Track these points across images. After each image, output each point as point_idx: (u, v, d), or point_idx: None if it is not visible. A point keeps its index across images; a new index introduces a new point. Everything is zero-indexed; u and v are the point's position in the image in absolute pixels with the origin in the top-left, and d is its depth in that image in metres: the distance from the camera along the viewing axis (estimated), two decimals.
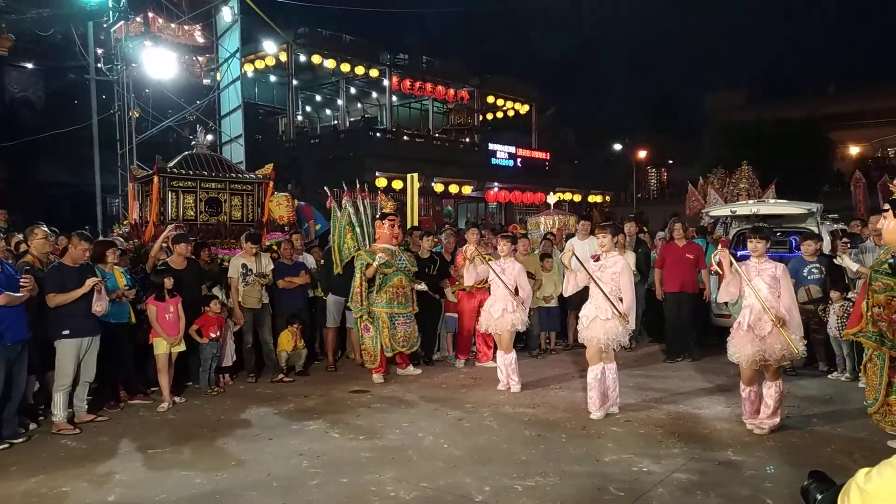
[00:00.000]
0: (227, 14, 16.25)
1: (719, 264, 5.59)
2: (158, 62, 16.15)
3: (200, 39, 18.41)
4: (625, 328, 5.95)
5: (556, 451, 5.11)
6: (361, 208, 8.47)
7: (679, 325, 8.66)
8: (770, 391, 5.48)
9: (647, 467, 4.71)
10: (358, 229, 8.36)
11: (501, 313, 7.16)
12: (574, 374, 7.92)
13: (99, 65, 15.46)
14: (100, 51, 16.62)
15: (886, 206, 5.07)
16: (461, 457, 5.04)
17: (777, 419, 5.54)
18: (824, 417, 5.98)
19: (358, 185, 8.72)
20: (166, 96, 16.56)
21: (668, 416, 6.07)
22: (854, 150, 36.69)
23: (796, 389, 6.97)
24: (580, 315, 6.22)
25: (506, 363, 7.18)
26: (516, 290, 7.25)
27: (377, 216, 8.27)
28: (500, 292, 7.26)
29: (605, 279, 6.00)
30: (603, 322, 5.93)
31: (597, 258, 6.27)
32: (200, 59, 23.29)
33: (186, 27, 17.82)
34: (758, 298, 5.32)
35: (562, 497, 4.22)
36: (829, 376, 7.52)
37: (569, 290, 6.34)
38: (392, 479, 4.57)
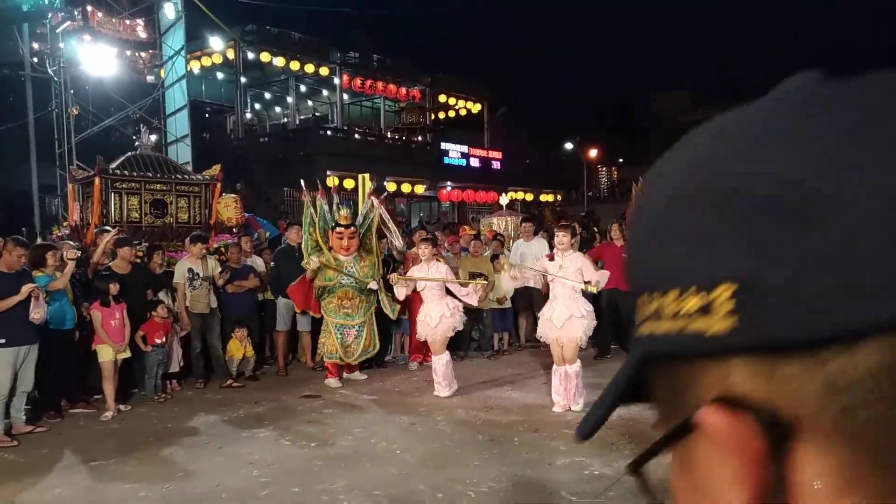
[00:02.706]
0: (169, 10, 15.79)
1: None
2: (98, 58, 15.62)
3: (143, 35, 17.84)
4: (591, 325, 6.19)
5: (510, 456, 5.14)
6: (325, 210, 8.22)
7: (613, 322, 8.86)
8: None
9: (599, 470, 4.77)
10: (319, 229, 8.20)
11: (439, 320, 7.00)
12: (526, 375, 7.97)
13: (35, 60, 14.91)
14: (37, 46, 16.03)
15: None
16: (414, 463, 5.03)
17: None
18: None
19: (319, 185, 8.58)
20: (108, 93, 16.05)
21: (618, 417, 6.03)
22: None
23: None
24: (548, 317, 6.24)
25: (441, 364, 6.98)
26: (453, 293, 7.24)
27: (331, 225, 8.04)
28: (433, 298, 7.10)
29: (569, 277, 6.05)
30: (580, 319, 6.07)
31: (552, 258, 6.32)
32: (143, 54, 22.64)
33: (128, 21, 17.29)
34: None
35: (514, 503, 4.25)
36: None
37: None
38: (344, 487, 4.53)
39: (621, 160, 40.65)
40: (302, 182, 8.87)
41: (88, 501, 4.41)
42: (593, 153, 36.39)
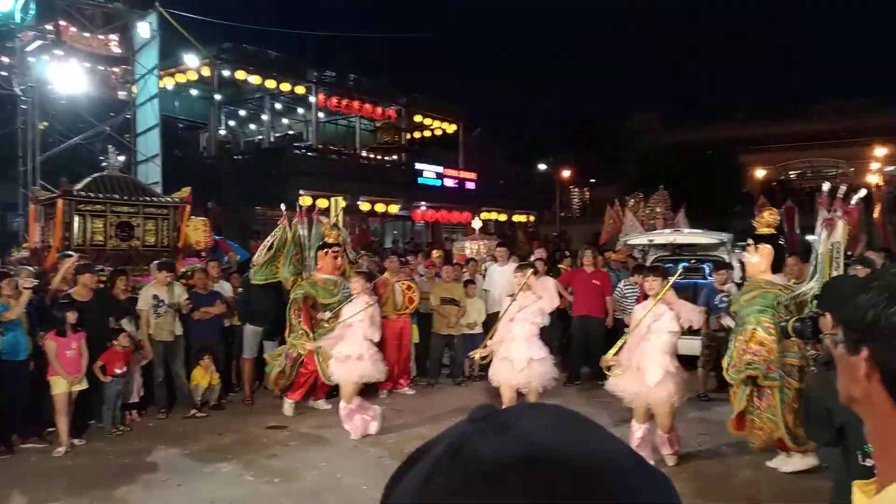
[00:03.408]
0: (144, 30, 15.58)
1: None
2: (69, 75, 15.34)
3: (117, 50, 17.60)
4: (552, 367, 6.07)
5: None
6: (310, 232, 8.24)
7: (584, 348, 8.87)
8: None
9: None
10: (302, 252, 8.13)
11: (345, 360, 6.51)
12: (499, 403, 7.86)
13: (3, 73, 14.62)
14: (5, 59, 15.71)
15: (749, 241, 5.37)
16: (379, 500, 4.89)
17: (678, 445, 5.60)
18: (734, 445, 6.14)
19: (302, 208, 8.53)
20: (78, 111, 15.76)
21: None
22: (760, 173, 38.62)
23: (709, 415, 7.15)
24: (507, 356, 6.11)
25: (344, 413, 6.45)
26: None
27: (319, 245, 8.02)
28: (355, 335, 6.59)
29: (527, 317, 5.99)
30: (539, 363, 5.98)
31: (513, 297, 6.23)
32: (116, 70, 22.34)
33: (101, 37, 17.04)
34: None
35: None
36: None
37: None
38: None
39: (593, 180, 41.03)
40: (282, 206, 8.82)
41: None
42: (566, 174, 36.70)
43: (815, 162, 40.33)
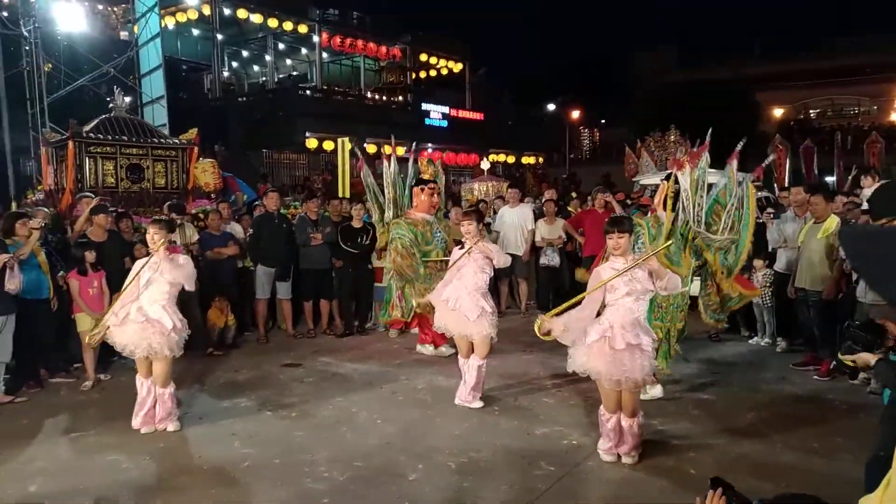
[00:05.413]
0: None
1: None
2: (69, 14, 15.12)
3: None
4: (491, 322, 5.62)
5: (489, 425, 5.23)
6: (394, 171, 7.93)
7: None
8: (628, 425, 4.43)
9: (577, 440, 4.87)
10: (393, 193, 7.87)
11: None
12: (505, 344, 7.95)
13: (6, 14, 14.40)
14: (6, 0, 15.47)
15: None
16: (395, 433, 5.09)
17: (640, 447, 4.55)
18: (744, 383, 6.30)
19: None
20: (81, 52, 15.57)
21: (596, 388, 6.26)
22: (778, 112, 37.74)
23: (719, 355, 7.31)
24: (454, 306, 5.69)
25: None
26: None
27: (413, 182, 7.75)
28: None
29: (471, 270, 5.69)
30: (490, 315, 5.66)
31: (461, 245, 5.87)
32: (116, 9, 21.96)
33: None
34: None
35: (493, 474, 4.33)
36: (750, 341, 7.86)
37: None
38: (325, 458, 4.59)
39: (603, 121, 40.49)
40: (357, 151, 8.68)
41: (70, 473, 4.43)
42: (575, 114, 36.22)
43: (836, 100, 39.39)
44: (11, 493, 4.17)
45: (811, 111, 39.92)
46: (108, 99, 11.52)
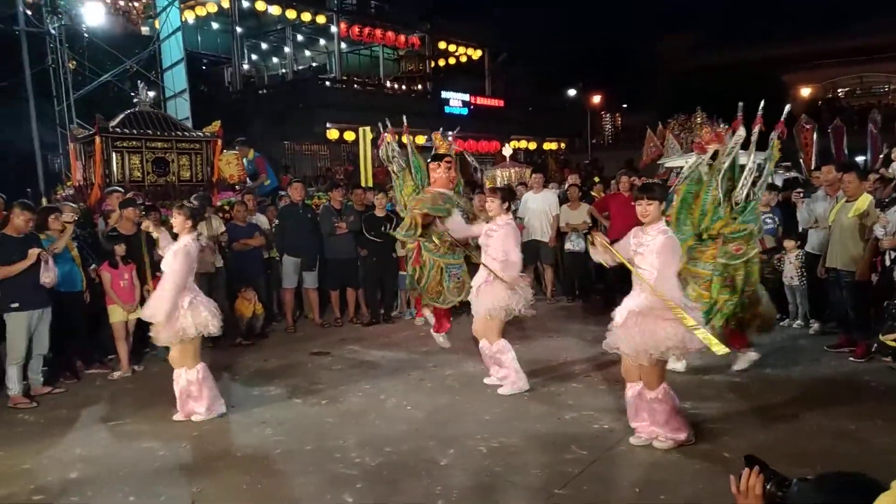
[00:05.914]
0: None
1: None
2: (91, 9, 15.27)
3: None
4: (513, 294, 5.52)
5: (519, 410, 5.23)
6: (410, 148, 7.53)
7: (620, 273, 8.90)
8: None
9: (609, 424, 4.85)
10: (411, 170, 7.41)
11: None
12: (535, 328, 7.96)
13: (29, 13, 14.57)
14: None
15: None
16: (424, 419, 5.12)
17: (682, 434, 4.39)
18: (778, 365, 6.22)
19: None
20: (103, 47, 15.72)
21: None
22: (806, 91, 36.92)
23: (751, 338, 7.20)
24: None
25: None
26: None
27: (429, 158, 7.41)
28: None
29: (491, 245, 5.65)
30: (481, 296, 5.61)
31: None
32: (136, 4, 22.13)
33: None
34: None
35: (525, 458, 4.34)
36: (782, 324, 7.74)
37: None
38: (356, 444, 4.62)
39: (625, 106, 40.02)
40: (380, 125, 8.15)
41: (109, 461, 4.52)
42: (596, 100, 35.85)
43: (865, 78, 38.53)
44: (52, 479, 4.27)
45: (839, 90, 39.05)
46: (132, 94, 11.63)
